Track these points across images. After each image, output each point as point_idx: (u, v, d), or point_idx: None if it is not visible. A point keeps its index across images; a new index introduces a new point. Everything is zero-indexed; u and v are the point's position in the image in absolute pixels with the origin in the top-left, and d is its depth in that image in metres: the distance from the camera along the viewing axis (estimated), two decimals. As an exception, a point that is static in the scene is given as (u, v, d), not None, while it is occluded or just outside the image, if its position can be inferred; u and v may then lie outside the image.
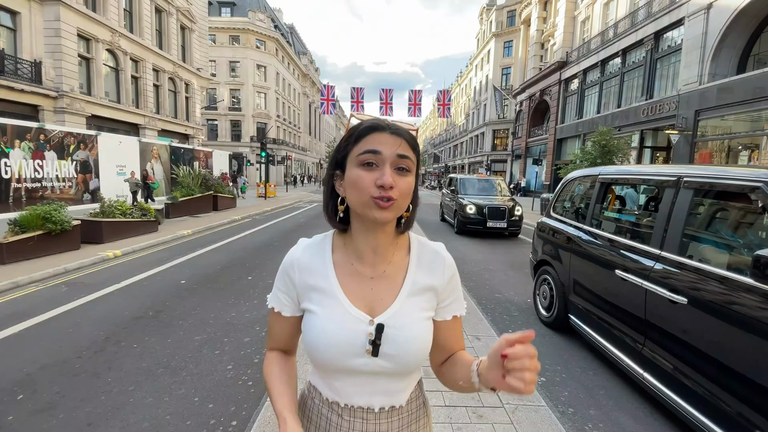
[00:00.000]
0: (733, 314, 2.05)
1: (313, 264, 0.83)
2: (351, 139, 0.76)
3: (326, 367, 0.80)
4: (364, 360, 0.76)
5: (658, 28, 15.91)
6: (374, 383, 0.80)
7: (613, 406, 2.78)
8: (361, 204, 0.73)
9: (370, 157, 0.72)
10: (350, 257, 0.83)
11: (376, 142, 0.73)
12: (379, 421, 0.81)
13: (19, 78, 13.83)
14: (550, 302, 4.17)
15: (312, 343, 0.78)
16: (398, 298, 0.80)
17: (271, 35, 42.00)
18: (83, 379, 2.97)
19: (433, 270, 0.84)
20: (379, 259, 0.82)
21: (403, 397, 0.84)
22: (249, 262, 6.93)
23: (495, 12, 40.36)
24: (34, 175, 9.29)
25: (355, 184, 0.73)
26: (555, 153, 25.12)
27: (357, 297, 0.79)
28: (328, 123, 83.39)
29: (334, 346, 0.76)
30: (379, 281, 0.81)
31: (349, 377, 0.79)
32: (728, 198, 2.64)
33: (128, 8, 19.22)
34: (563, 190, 4.54)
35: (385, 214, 0.72)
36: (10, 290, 5.08)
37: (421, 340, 0.79)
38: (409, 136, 0.76)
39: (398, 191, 0.72)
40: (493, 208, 10.14)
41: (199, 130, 26.03)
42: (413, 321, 0.79)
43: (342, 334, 0.76)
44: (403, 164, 0.73)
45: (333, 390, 0.82)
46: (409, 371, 0.82)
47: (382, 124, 0.75)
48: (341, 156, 0.78)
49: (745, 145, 12.48)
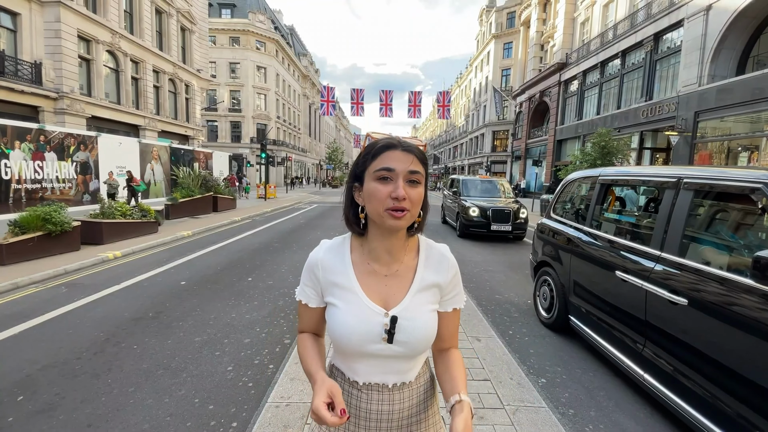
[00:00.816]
0: (733, 315, 2.05)
1: (334, 263, 0.95)
2: (368, 156, 0.88)
3: (348, 352, 0.93)
4: (380, 346, 0.90)
5: (658, 30, 15.94)
6: (388, 364, 0.93)
7: (614, 408, 2.78)
8: (378, 214, 0.85)
9: (385, 173, 0.84)
10: (367, 257, 0.95)
11: (390, 160, 0.84)
12: (392, 393, 0.96)
13: (19, 79, 13.84)
14: (550, 303, 4.17)
15: (336, 333, 0.91)
16: (409, 293, 0.93)
17: (271, 36, 42.05)
18: (83, 380, 2.97)
19: (438, 269, 0.96)
20: (392, 260, 0.94)
21: (413, 374, 0.98)
22: (249, 263, 6.93)
23: (495, 13, 40.42)
24: (34, 176, 9.31)
25: (373, 196, 0.84)
26: (555, 154, 25.14)
27: (373, 292, 0.92)
28: (328, 124, 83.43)
29: (355, 334, 0.89)
30: (392, 279, 0.94)
31: (367, 360, 0.93)
32: (728, 199, 2.65)
33: (128, 9, 19.25)
34: (563, 191, 4.54)
35: (399, 222, 0.84)
36: (10, 291, 5.08)
37: (429, 329, 0.93)
38: (418, 152, 0.88)
39: (410, 201, 0.84)
40: (497, 211, 9.78)
41: (199, 131, 26.04)
42: (422, 313, 0.92)
43: (361, 324, 0.89)
44: (414, 178, 0.85)
45: (353, 371, 0.96)
46: (418, 354, 0.94)
47: (395, 142, 0.87)
48: (359, 171, 0.90)
49: (744, 146, 12.50)
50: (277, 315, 4.46)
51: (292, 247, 8.53)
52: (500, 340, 3.64)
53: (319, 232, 10.86)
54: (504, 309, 4.81)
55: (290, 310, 4.61)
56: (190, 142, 24.62)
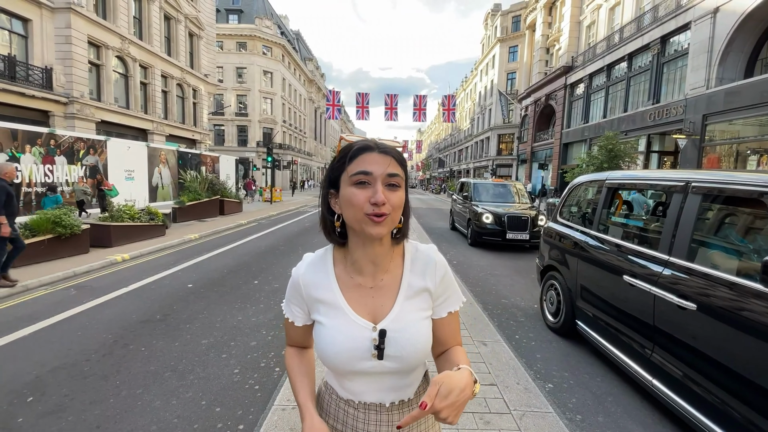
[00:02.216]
0: (742, 320, 2.03)
1: (318, 279, 0.90)
2: (343, 159, 0.81)
3: (338, 371, 0.88)
4: (371, 363, 0.84)
5: (665, 33, 15.83)
6: (382, 381, 0.87)
7: (622, 413, 2.75)
8: (356, 220, 0.79)
9: (362, 177, 0.78)
10: (351, 271, 0.89)
11: (366, 162, 0.79)
12: (391, 414, 0.90)
13: (30, 84, 14.07)
14: (557, 308, 4.15)
15: (323, 351, 0.86)
16: (396, 302, 0.86)
17: (278, 41, 42.41)
18: (92, 381, 3.00)
19: (425, 272, 0.90)
20: (377, 270, 0.88)
21: (411, 390, 0.92)
22: (255, 266, 6.96)
23: (500, 17, 40.43)
24: (44, 179, 9.43)
25: (350, 202, 0.78)
26: (561, 157, 25.00)
27: (360, 306, 0.86)
28: (334, 128, 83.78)
29: (343, 352, 0.83)
30: (379, 290, 0.88)
31: (360, 378, 0.87)
32: (737, 203, 2.62)
33: (138, 16, 19.52)
34: (570, 195, 4.52)
35: (379, 228, 0.78)
36: (20, 293, 5.15)
37: (421, 340, 0.86)
38: (396, 153, 0.82)
39: (390, 206, 0.78)
40: (513, 218, 8.84)
41: (206, 135, 26.26)
42: (412, 321, 0.86)
43: (349, 342, 0.83)
44: (393, 181, 0.79)
45: (346, 389, 0.91)
46: (413, 368, 0.89)
47: (371, 144, 0.81)
48: (335, 176, 0.83)
49: (754, 149, 12.35)
50: (283, 318, 4.46)
51: (297, 251, 8.56)
52: (507, 345, 3.62)
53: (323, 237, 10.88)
54: (510, 313, 4.79)
55: (296, 314, 4.62)
56: (198, 146, 24.82)
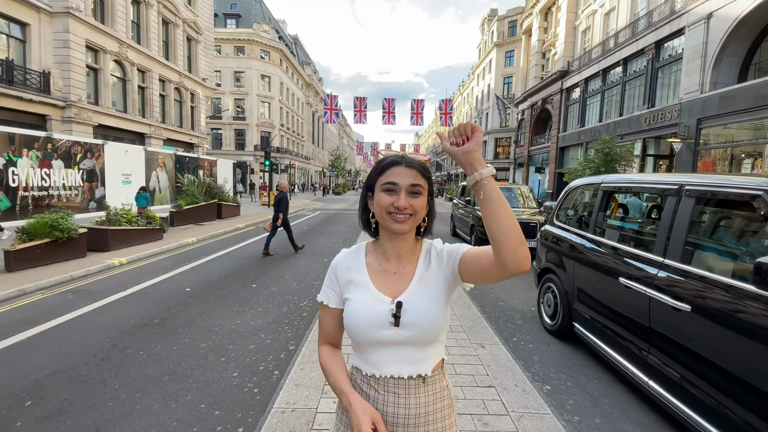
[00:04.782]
0: (736, 321, 2.06)
1: (351, 263, 1.11)
2: (377, 171, 1.04)
3: (361, 341, 1.02)
4: (389, 332, 0.98)
5: (659, 38, 16.00)
6: (400, 351, 1.00)
7: (619, 415, 2.77)
8: (382, 217, 1.01)
9: (390, 186, 0.99)
10: (379, 259, 1.10)
11: (394, 175, 0.99)
12: (408, 389, 1.01)
13: (27, 88, 14.05)
14: (554, 310, 4.17)
15: (349, 322, 1.03)
16: (411, 282, 1.04)
17: (276, 46, 42.52)
18: (90, 385, 2.99)
19: (432, 256, 1.09)
20: (401, 260, 1.08)
21: (428, 366, 1.03)
22: (253, 270, 6.96)
23: (496, 22, 40.72)
24: (41, 183, 9.40)
25: (379, 204, 1.01)
26: (557, 161, 25.12)
27: (383, 286, 1.05)
28: (331, 132, 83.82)
29: (364, 320, 1.00)
30: (401, 276, 1.06)
31: (380, 349, 1.01)
32: (730, 206, 2.66)
33: (136, 20, 19.55)
34: (566, 198, 4.56)
35: (400, 226, 0.99)
36: (18, 297, 5.13)
37: (432, 311, 1.00)
38: (419, 166, 1.02)
39: (412, 208, 0.98)
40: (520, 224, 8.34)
41: (203, 138, 26.25)
42: (424, 297, 1.01)
43: (371, 313, 1.00)
44: (415, 189, 0.99)
45: (369, 363, 1.03)
46: (428, 339, 1.01)
47: (399, 159, 1.02)
48: (371, 183, 1.06)
49: (748, 153, 12.47)
50: (281, 321, 4.47)
51: (296, 254, 8.57)
52: (504, 347, 3.64)
53: (322, 239, 10.89)
54: (508, 316, 4.81)
55: (294, 317, 4.63)
56: (195, 149, 24.81)
